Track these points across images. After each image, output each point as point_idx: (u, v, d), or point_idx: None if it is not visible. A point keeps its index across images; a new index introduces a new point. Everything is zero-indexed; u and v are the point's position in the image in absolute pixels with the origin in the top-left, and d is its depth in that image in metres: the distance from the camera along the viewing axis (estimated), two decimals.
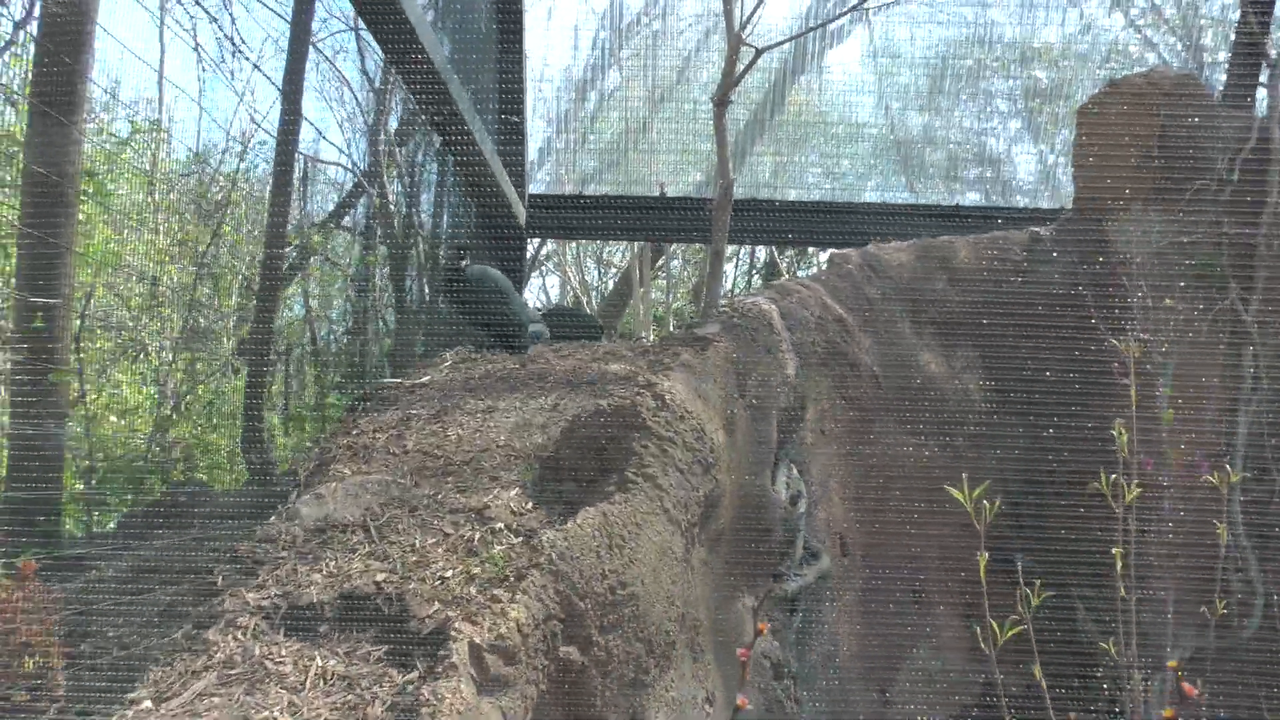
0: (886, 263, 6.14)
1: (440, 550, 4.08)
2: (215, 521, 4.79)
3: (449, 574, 3.92)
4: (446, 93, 6.53)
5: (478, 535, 4.14)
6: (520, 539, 4.10)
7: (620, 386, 5.02)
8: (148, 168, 6.90)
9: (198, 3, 7.71)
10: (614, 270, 17.50)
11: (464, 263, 6.84)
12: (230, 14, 7.80)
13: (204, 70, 7.60)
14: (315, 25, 8.84)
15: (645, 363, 5.42)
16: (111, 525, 5.56)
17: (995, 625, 3.33)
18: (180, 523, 4.90)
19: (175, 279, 6.89)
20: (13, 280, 4.83)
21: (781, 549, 5.18)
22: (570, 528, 4.00)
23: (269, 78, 7.98)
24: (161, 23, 7.56)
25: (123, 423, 6.30)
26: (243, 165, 8.27)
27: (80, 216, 6.07)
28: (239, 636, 3.67)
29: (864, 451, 5.74)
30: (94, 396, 5.96)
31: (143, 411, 6.46)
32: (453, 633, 3.52)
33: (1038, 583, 3.46)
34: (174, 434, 6.69)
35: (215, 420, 7.17)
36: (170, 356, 6.80)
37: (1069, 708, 3.68)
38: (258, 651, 3.61)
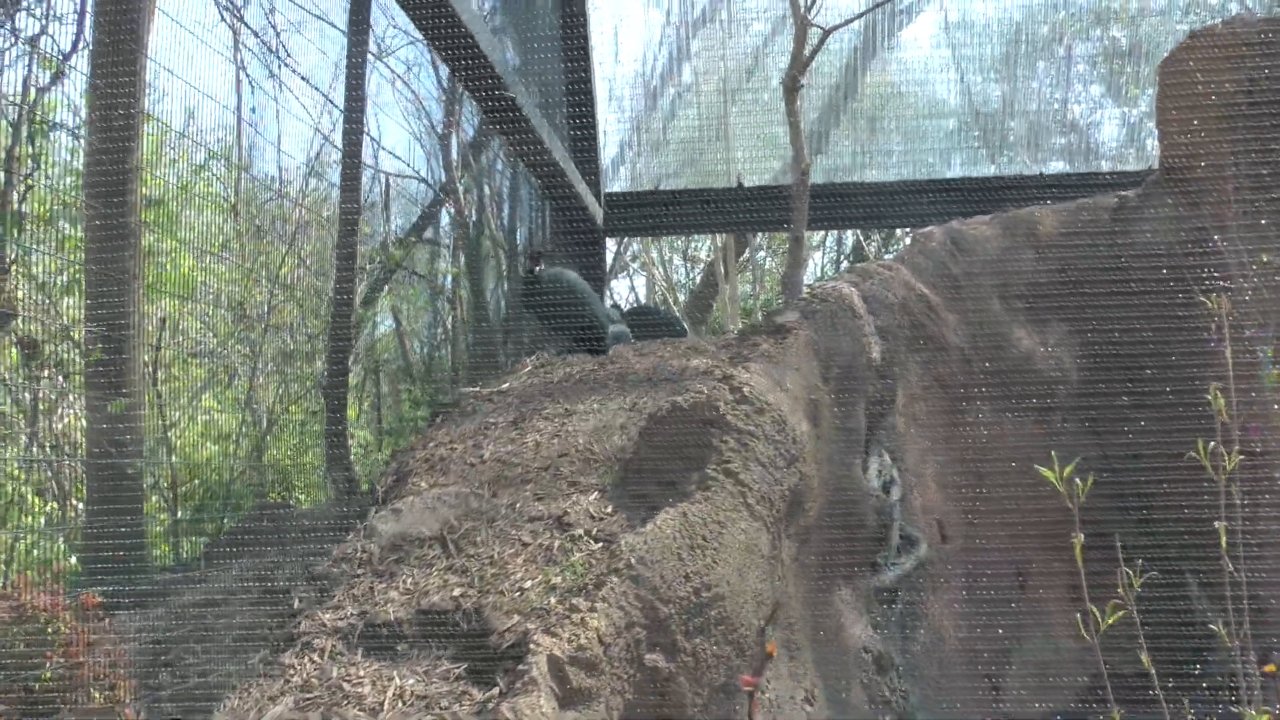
0: (971, 238, 5.89)
1: (519, 561, 3.94)
2: (293, 543, 4.71)
3: (528, 585, 3.78)
4: (510, 98, 6.42)
5: (557, 543, 4.00)
6: (600, 545, 3.95)
7: (698, 381, 4.85)
8: (225, 194, 6.88)
9: (256, 34, 7.68)
10: (700, 266, 17.32)
11: (538, 267, 6.72)
12: (274, 28, 7.75)
13: (260, 91, 7.54)
14: (386, 42, 8.81)
15: (726, 356, 5.25)
16: (194, 554, 5.52)
17: (1095, 611, 3.10)
18: (258, 547, 4.83)
19: (259, 303, 6.85)
20: (82, 313, 4.81)
21: (877, 539, 4.97)
22: (650, 530, 3.84)
23: (333, 102, 7.91)
24: (238, 60, 7.53)
25: (214, 449, 6.28)
26: (319, 185, 8.23)
27: (165, 246, 6.05)
28: (315, 659, 3.57)
29: (958, 433, 5.51)
30: (182, 424, 5.94)
31: (231, 436, 6.43)
32: (532, 646, 3.38)
33: (1139, 562, 3.22)
34: (266, 458, 6.67)
35: (306, 441, 7.13)
36: (251, 379, 6.76)
37: (1184, 693, 3.43)
38: (335, 673, 3.50)
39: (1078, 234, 5.85)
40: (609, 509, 4.25)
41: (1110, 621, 3.10)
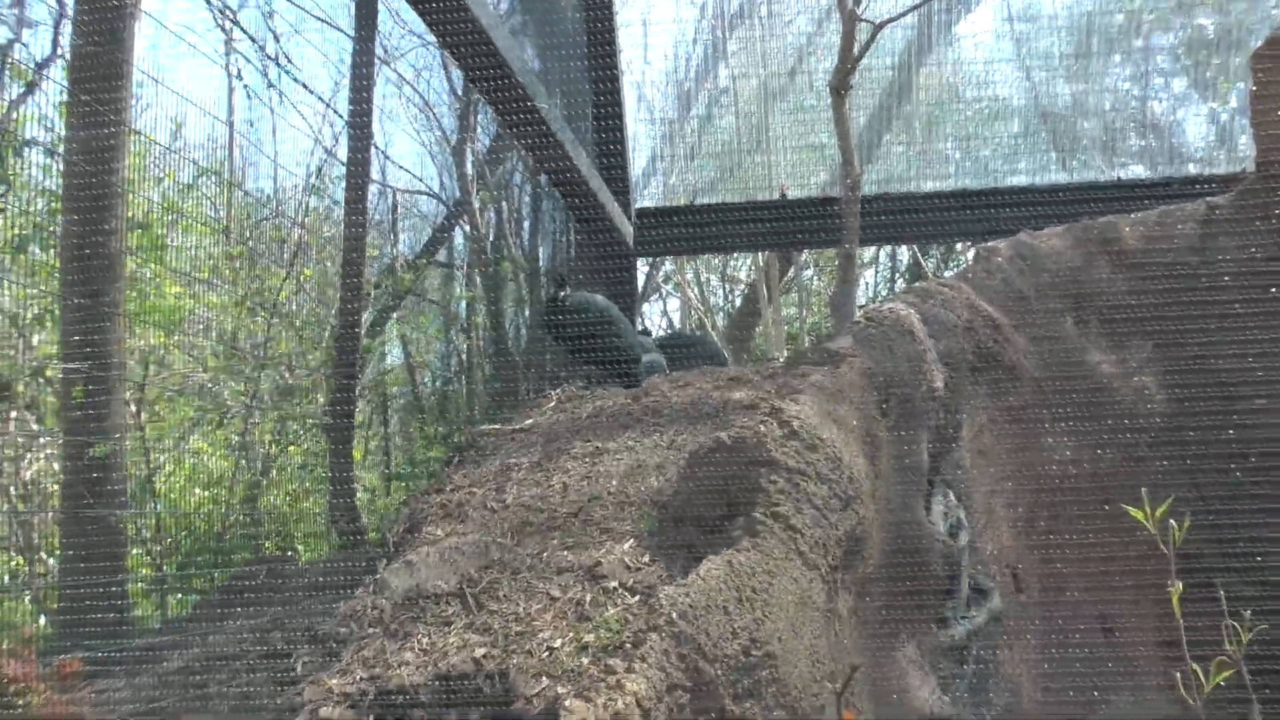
0: (1040, 252, 5.83)
1: (547, 617, 3.88)
2: (294, 600, 4.67)
3: (557, 644, 3.72)
4: (531, 105, 6.39)
5: (589, 597, 3.94)
6: (637, 598, 3.88)
7: (743, 415, 4.79)
8: (215, 214, 6.87)
9: (251, 38, 7.71)
10: (740, 287, 17.28)
11: (564, 291, 6.68)
12: (272, 31, 7.78)
13: (260, 102, 7.56)
14: (393, 44, 8.82)
15: (772, 387, 5.19)
16: (184, 611, 5.48)
17: (1197, 669, 3.01)
18: (254, 605, 4.79)
19: (252, 333, 6.84)
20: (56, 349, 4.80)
21: (944, 589, 4.89)
22: (692, 582, 3.78)
23: (337, 112, 7.92)
24: (229, 69, 7.55)
25: (204, 495, 6.26)
26: (321, 203, 8.22)
27: (148, 273, 6.04)
28: None
29: (1032, 469, 5.42)
30: (168, 468, 5.92)
31: (223, 481, 6.41)
32: (563, 712, 3.32)
33: (1247, 612, 3.12)
34: (262, 505, 6.64)
35: (308, 485, 7.10)
36: (245, 418, 6.74)
37: None
38: None
39: (1161, 246, 5.77)
40: (646, 558, 4.20)
41: (1217, 681, 3.01)
